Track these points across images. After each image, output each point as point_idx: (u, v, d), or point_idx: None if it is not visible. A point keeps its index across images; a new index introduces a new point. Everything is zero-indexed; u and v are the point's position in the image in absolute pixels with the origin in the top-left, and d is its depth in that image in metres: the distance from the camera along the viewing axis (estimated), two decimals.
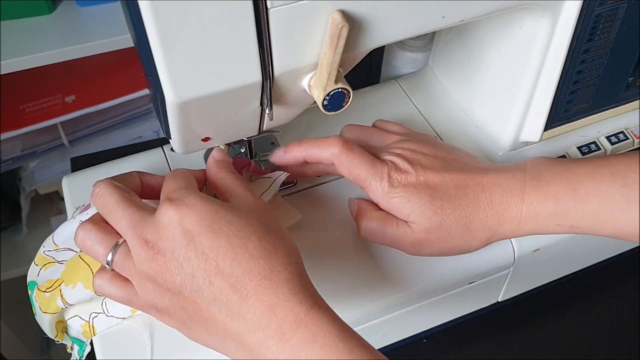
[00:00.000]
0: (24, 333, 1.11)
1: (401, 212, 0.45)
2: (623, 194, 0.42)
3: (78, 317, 0.45)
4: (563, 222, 0.44)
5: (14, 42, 0.72)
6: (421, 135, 0.50)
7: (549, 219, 0.44)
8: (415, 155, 0.46)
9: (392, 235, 0.45)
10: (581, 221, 0.44)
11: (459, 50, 0.57)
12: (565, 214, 0.44)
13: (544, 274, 0.57)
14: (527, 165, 0.46)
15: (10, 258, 1.02)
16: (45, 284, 0.45)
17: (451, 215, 0.44)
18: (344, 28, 0.35)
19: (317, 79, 0.39)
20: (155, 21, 0.32)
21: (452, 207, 0.44)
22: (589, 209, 0.43)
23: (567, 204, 0.43)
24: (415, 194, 0.44)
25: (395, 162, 0.45)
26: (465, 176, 0.45)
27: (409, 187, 0.44)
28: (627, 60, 0.52)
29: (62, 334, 0.48)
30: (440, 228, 0.44)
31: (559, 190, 0.44)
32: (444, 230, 0.44)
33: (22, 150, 0.91)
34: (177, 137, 0.42)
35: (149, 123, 0.97)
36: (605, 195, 0.43)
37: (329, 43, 0.36)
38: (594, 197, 0.43)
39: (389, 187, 0.44)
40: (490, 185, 0.45)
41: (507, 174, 0.45)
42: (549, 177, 0.44)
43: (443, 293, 0.50)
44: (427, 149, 0.47)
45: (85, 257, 0.44)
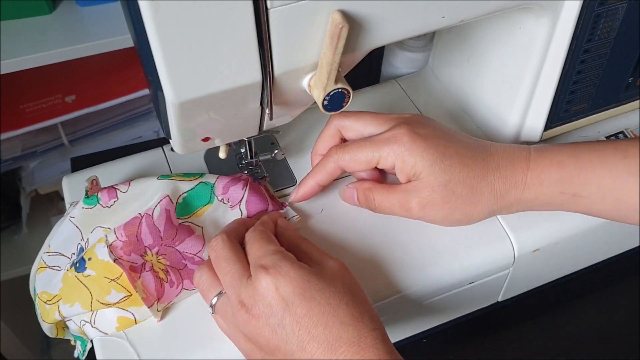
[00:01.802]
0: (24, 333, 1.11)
1: (412, 169, 0.45)
2: (625, 164, 0.43)
3: (72, 322, 0.47)
4: (566, 190, 0.45)
5: (14, 42, 0.72)
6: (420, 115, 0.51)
7: (552, 186, 0.45)
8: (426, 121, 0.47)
9: (398, 200, 0.46)
10: (584, 189, 0.44)
11: (459, 50, 0.57)
12: (569, 180, 0.44)
13: (544, 274, 0.57)
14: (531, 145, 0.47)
15: (10, 258, 1.02)
16: (44, 295, 0.46)
17: (459, 174, 0.44)
18: (344, 28, 0.35)
19: (317, 79, 0.39)
20: (155, 21, 0.32)
21: (460, 166, 0.45)
22: (592, 176, 0.44)
23: (571, 170, 0.44)
24: (427, 150, 0.44)
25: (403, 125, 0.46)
26: (474, 142, 0.46)
27: (420, 142, 0.44)
28: (627, 60, 0.52)
29: (63, 330, 0.49)
30: (446, 187, 0.45)
31: (563, 159, 0.45)
32: (449, 189, 0.45)
33: (22, 150, 0.91)
34: (177, 137, 0.42)
35: (149, 123, 0.97)
36: (607, 165, 0.44)
37: (329, 43, 0.36)
38: (597, 165, 0.44)
39: (398, 147, 0.45)
40: (497, 151, 0.46)
41: (512, 145, 0.47)
42: (553, 149, 0.46)
43: (443, 293, 0.50)
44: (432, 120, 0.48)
45: (84, 281, 0.44)
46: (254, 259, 0.42)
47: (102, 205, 0.47)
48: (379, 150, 0.46)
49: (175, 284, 0.46)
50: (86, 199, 0.47)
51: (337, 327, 0.38)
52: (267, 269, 0.40)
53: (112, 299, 0.44)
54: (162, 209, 0.45)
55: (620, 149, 0.44)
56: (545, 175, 0.45)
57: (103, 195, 0.46)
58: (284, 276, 0.39)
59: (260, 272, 0.40)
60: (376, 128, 0.47)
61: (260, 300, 0.39)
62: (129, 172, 0.55)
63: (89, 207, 0.47)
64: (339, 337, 0.37)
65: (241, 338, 0.41)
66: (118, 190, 0.47)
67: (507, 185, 0.45)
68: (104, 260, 0.44)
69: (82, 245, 0.47)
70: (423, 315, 0.52)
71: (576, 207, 0.46)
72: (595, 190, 0.44)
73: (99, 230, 0.47)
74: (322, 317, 0.38)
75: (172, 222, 0.46)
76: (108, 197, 0.46)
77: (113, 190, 0.47)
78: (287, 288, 0.39)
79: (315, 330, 0.38)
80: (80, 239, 0.47)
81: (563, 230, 0.51)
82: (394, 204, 0.47)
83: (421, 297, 0.49)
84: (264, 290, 0.39)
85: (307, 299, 0.39)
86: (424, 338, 0.56)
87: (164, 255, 0.46)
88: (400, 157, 0.45)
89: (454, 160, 0.44)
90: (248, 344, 0.41)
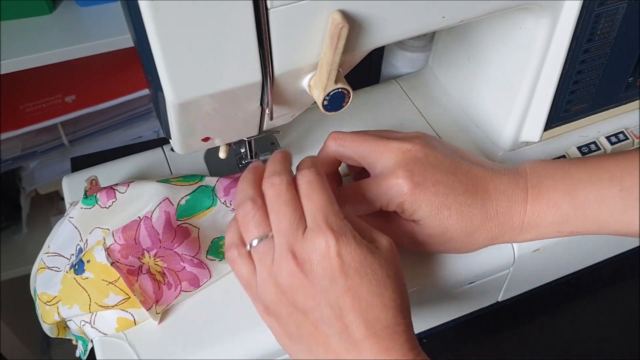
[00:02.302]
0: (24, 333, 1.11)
1: (411, 217, 0.45)
2: (621, 197, 0.43)
3: (73, 322, 0.47)
4: (563, 229, 0.45)
5: (14, 42, 0.72)
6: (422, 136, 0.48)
7: (549, 227, 0.45)
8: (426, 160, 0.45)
9: (393, 232, 0.45)
10: (581, 226, 0.45)
11: (459, 50, 0.57)
12: (566, 221, 0.44)
13: (544, 274, 0.57)
14: (528, 171, 0.46)
15: (10, 258, 1.02)
16: (44, 296, 0.46)
17: (456, 225, 0.44)
18: (344, 28, 0.35)
19: (317, 79, 0.39)
20: (155, 21, 0.32)
21: (459, 216, 0.44)
22: (589, 214, 0.44)
23: (567, 211, 0.44)
24: (426, 201, 0.44)
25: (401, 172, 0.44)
26: (474, 181, 0.45)
27: (419, 193, 0.43)
28: (627, 60, 0.52)
29: (64, 330, 0.49)
30: (443, 235, 0.45)
31: (559, 198, 0.44)
32: (446, 237, 0.45)
33: (22, 150, 0.91)
34: (177, 137, 0.42)
35: (149, 123, 0.97)
36: (604, 201, 0.43)
37: (329, 43, 0.36)
38: (593, 202, 0.44)
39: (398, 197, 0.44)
40: (497, 193, 0.45)
41: (511, 181, 0.45)
42: (549, 184, 0.45)
43: (443, 293, 0.50)
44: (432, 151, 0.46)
45: (82, 283, 0.44)
46: (319, 212, 0.39)
47: (100, 206, 0.46)
48: (377, 203, 0.45)
49: (173, 286, 0.46)
50: (85, 200, 0.47)
51: (378, 308, 0.38)
52: (334, 231, 0.38)
53: (110, 302, 0.44)
54: (162, 212, 0.45)
55: (616, 179, 0.43)
56: (542, 219, 0.45)
57: (102, 196, 0.46)
58: (349, 245, 0.38)
59: (327, 232, 0.38)
60: (375, 159, 0.45)
61: (316, 259, 0.38)
62: (129, 172, 0.55)
63: (87, 208, 0.47)
64: (377, 318, 0.38)
65: (273, 288, 0.39)
66: (117, 191, 0.46)
67: (503, 230, 0.45)
68: (102, 263, 0.44)
69: (81, 246, 0.47)
70: (423, 315, 0.52)
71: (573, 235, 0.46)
72: (592, 225, 0.44)
73: (98, 231, 0.47)
74: (368, 295, 0.38)
75: (171, 224, 0.46)
76: (107, 198, 0.46)
77: (112, 191, 0.46)
78: (348, 257, 0.38)
79: (359, 305, 0.38)
80: (79, 240, 0.47)
81: None
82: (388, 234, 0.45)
83: (421, 297, 0.49)
84: (325, 251, 0.38)
85: (360, 274, 0.38)
86: (424, 338, 0.56)
87: (162, 257, 0.45)
88: (400, 207, 0.44)
89: (452, 211, 0.44)
90: (277, 296, 0.39)
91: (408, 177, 0.43)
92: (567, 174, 0.45)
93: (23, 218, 1.00)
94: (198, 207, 0.47)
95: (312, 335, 0.38)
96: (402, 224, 0.46)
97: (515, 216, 0.45)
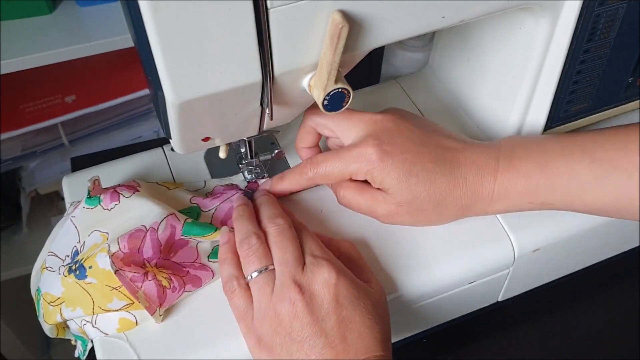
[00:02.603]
0: (24, 333, 1.11)
1: (380, 184, 0.46)
2: (591, 169, 0.43)
3: (73, 321, 0.46)
4: (534, 200, 0.45)
5: (14, 42, 0.72)
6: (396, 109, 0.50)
7: (519, 197, 0.45)
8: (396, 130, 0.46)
9: (366, 206, 0.47)
10: (551, 197, 0.45)
11: (459, 50, 0.57)
12: (536, 191, 0.45)
13: (544, 274, 0.57)
14: (502, 143, 0.47)
15: (10, 258, 1.02)
16: (49, 296, 0.46)
17: (424, 192, 0.45)
18: (344, 28, 0.35)
19: (317, 79, 0.39)
20: (155, 21, 0.32)
21: (426, 183, 0.45)
22: (559, 185, 0.44)
23: (537, 181, 0.44)
24: (394, 168, 0.45)
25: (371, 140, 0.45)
26: (443, 150, 0.46)
27: (387, 160, 0.45)
28: (627, 60, 0.52)
29: (64, 330, 0.49)
30: (412, 203, 0.45)
31: (529, 169, 0.45)
32: (415, 205, 0.46)
33: (22, 150, 0.91)
34: (177, 137, 0.42)
35: (149, 123, 0.97)
36: (574, 171, 0.44)
37: (329, 43, 0.37)
38: (563, 173, 0.44)
39: (366, 165, 0.45)
40: (466, 162, 0.46)
41: (482, 152, 0.46)
42: (521, 155, 0.45)
43: (443, 293, 0.50)
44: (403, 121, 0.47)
45: (86, 287, 0.44)
46: (315, 251, 0.43)
47: (102, 207, 0.46)
48: (348, 168, 0.46)
49: (178, 289, 0.46)
50: (88, 199, 0.47)
51: (368, 339, 0.40)
52: (333, 266, 0.42)
53: (114, 306, 0.44)
54: (168, 225, 0.46)
55: (587, 152, 0.44)
56: (512, 188, 0.45)
57: (105, 197, 0.47)
58: (345, 278, 0.41)
59: (326, 264, 0.42)
60: (348, 130, 0.47)
61: (317, 288, 0.41)
62: (129, 172, 0.55)
63: (90, 208, 0.47)
64: (367, 347, 0.40)
65: (270, 318, 0.41)
66: (121, 195, 0.47)
67: (473, 199, 0.46)
68: (105, 270, 0.43)
69: (78, 248, 0.47)
70: (423, 315, 0.52)
71: (545, 209, 0.46)
72: (563, 197, 0.45)
73: (96, 233, 0.47)
74: (360, 326, 0.40)
75: (174, 238, 0.46)
76: (110, 201, 0.46)
77: (116, 194, 0.47)
78: (344, 289, 0.41)
79: (350, 335, 0.40)
80: (77, 241, 0.47)
81: (563, 230, 0.51)
82: (362, 206, 0.48)
83: (421, 297, 0.49)
84: (323, 281, 0.41)
85: (354, 306, 0.41)
86: (424, 338, 0.56)
87: (162, 267, 0.45)
88: (369, 174, 0.45)
89: (420, 178, 0.45)
90: (274, 326, 0.41)
91: (377, 145, 0.45)
92: (540, 146, 0.46)
93: (23, 218, 1.00)
94: (204, 231, 0.47)
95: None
96: (375, 195, 0.47)
97: (485, 185, 0.45)
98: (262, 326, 0.41)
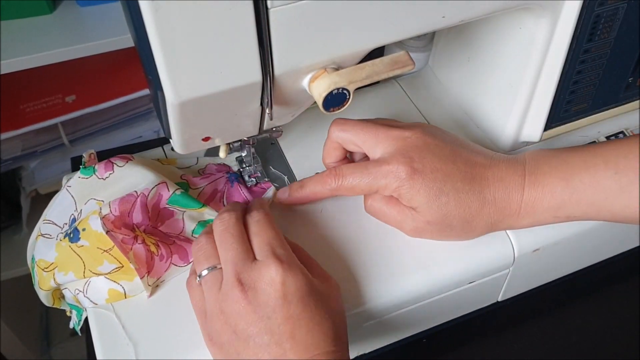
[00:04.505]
0: (24, 333, 1.11)
1: (409, 202, 0.45)
2: (616, 180, 0.43)
3: (68, 290, 0.47)
4: (559, 214, 0.45)
5: (14, 42, 0.72)
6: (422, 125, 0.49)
7: (545, 212, 0.45)
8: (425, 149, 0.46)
9: (394, 219, 0.47)
10: (577, 210, 0.45)
11: (459, 50, 0.57)
12: (561, 206, 0.45)
13: (544, 274, 0.57)
14: (527, 159, 0.47)
15: (10, 258, 1.02)
16: (42, 263, 0.47)
17: (454, 211, 0.45)
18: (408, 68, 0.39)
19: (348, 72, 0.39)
20: (155, 21, 0.32)
21: (457, 203, 0.44)
22: (584, 198, 0.44)
23: (563, 197, 0.44)
24: (424, 187, 0.44)
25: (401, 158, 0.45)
26: (472, 169, 0.46)
27: (417, 179, 0.44)
28: (627, 60, 0.52)
29: (59, 300, 0.50)
30: (442, 222, 0.45)
31: (554, 184, 0.45)
32: (445, 224, 0.45)
33: (23, 150, 0.91)
34: (178, 136, 0.42)
35: (149, 123, 0.97)
36: (599, 184, 0.44)
37: (388, 63, 0.39)
38: (588, 187, 0.44)
39: (396, 182, 0.44)
40: (494, 180, 0.45)
41: (509, 168, 0.46)
42: (546, 171, 0.45)
43: (443, 293, 0.50)
44: (432, 139, 0.46)
45: (78, 251, 0.45)
46: (267, 245, 0.42)
47: (97, 177, 0.48)
48: (376, 184, 0.45)
49: (165, 257, 0.47)
50: (83, 170, 0.48)
51: (318, 336, 0.39)
52: (281, 261, 0.41)
53: (104, 269, 0.45)
54: (157, 192, 0.47)
55: (611, 163, 0.44)
56: (538, 204, 0.45)
57: (100, 167, 0.48)
58: (295, 274, 0.40)
59: (274, 261, 0.41)
60: (375, 146, 0.46)
61: (260, 286, 0.40)
62: None
63: (85, 177, 0.48)
64: (316, 344, 0.39)
65: (217, 316, 0.41)
66: (115, 165, 0.48)
67: (501, 216, 0.46)
68: (97, 232, 0.45)
69: (75, 216, 0.48)
70: (423, 315, 0.52)
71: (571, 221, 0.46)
72: (588, 209, 0.45)
73: (92, 202, 0.48)
74: (309, 322, 0.40)
75: (159, 206, 0.48)
76: (105, 170, 0.48)
77: (110, 164, 0.48)
78: (292, 286, 0.40)
79: (299, 332, 0.39)
80: (74, 209, 0.48)
81: (563, 230, 0.51)
82: (390, 219, 0.47)
83: (421, 297, 0.49)
84: (269, 279, 0.40)
85: (304, 303, 0.40)
86: (424, 338, 0.56)
87: (150, 234, 0.47)
88: (397, 192, 0.45)
89: (450, 197, 0.44)
90: (220, 324, 0.41)
91: (407, 163, 0.44)
92: (564, 161, 0.46)
93: (23, 218, 1.00)
94: (190, 204, 0.48)
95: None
96: (403, 210, 0.46)
97: (513, 202, 0.45)
98: (212, 324, 0.41)
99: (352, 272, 0.48)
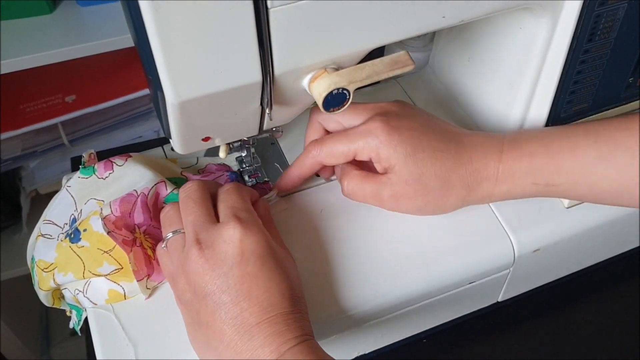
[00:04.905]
0: (24, 333, 1.11)
1: (387, 162, 0.45)
2: (595, 148, 0.44)
3: (68, 290, 0.47)
4: (538, 180, 0.45)
5: (14, 42, 0.72)
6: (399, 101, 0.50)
7: (524, 177, 0.45)
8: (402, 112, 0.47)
9: (371, 191, 0.47)
10: (555, 178, 0.45)
11: (459, 50, 0.57)
12: (540, 171, 0.45)
13: (544, 274, 0.57)
14: (506, 133, 0.48)
15: (10, 258, 1.02)
16: (42, 263, 0.47)
17: (431, 168, 0.45)
18: (408, 67, 0.39)
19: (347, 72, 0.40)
20: (155, 21, 0.32)
21: (432, 160, 0.45)
22: (563, 165, 0.44)
23: (541, 160, 0.45)
24: (401, 144, 0.45)
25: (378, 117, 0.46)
26: (448, 133, 0.47)
27: (394, 135, 0.45)
28: (627, 60, 0.52)
29: (59, 300, 0.50)
30: (419, 181, 0.45)
31: (534, 148, 0.45)
32: (422, 183, 0.45)
33: (22, 150, 0.91)
34: (178, 136, 0.42)
35: (149, 123, 0.97)
36: (578, 151, 0.44)
37: (388, 63, 0.39)
38: (567, 153, 0.44)
39: (373, 140, 0.45)
40: (471, 143, 0.46)
41: (487, 136, 0.47)
42: (526, 137, 0.46)
43: (443, 293, 0.50)
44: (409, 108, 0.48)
45: (78, 251, 0.45)
46: (230, 207, 0.43)
47: (97, 177, 0.48)
48: (354, 144, 0.46)
49: None
50: (83, 170, 0.48)
51: (276, 295, 0.39)
52: (241, 221, 0.41)
53: (103, 271, 0.45)
54: (155, 192, 0.47)
55: (591, 132, 0.44)
56: (517, 167, 0.45)
57: (99, 167, 0.48)
58: (253, 234, 0.41)
59: (233, 220, 0.41)
60: (354, 118, 0.48)
61: (218, 245, 0.40)
62: None
63: (85, 177, 0.48)
64: (274, 304, 0.39)
65: (181, 277, 0.41)
66: (114, 164, 0.48)
67: (478, 178, 0.46)
68: (99, 232, 0.45)
69: (75, 216, 0.48)
70: (423, 315, 0.52)
71: (551, 195, 0.46)
72: (567, 178, 0.45)
73: (93, 202, 0.48)
74: (267, 282, 0.40)
75: (158, 205, 0.48)
76: (104, 169, 0.48)
77: (109, 163, 0.48)
78: (250, 245, 0.40)
79: (256, 291, 0.39)
80: (74, 209, 0.48)
81: (563, 230, 0.51)
82: (367, 193, 0.47)
83: (421, 297, 0.49)
84: (227, 237, 0.40)
85: (262, 261, 0.40)
86: (424, 338, 0.56)
87: (150, 235, 0.47)
88: (375, 150, 0.45)
89: (426, 153, 0.45)
90: (182, 284, 0.41)
91: (384, 121, 0.45)
92: (544, 131, 0.47)
93: (23, 218, 1.00)
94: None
95: (208, 324, 0.39)
96: (379, 179, 0.46)
97: (490, 164, 0.45)
98: (177, 284, 0.42)
99: (352, 272, 0.48)
